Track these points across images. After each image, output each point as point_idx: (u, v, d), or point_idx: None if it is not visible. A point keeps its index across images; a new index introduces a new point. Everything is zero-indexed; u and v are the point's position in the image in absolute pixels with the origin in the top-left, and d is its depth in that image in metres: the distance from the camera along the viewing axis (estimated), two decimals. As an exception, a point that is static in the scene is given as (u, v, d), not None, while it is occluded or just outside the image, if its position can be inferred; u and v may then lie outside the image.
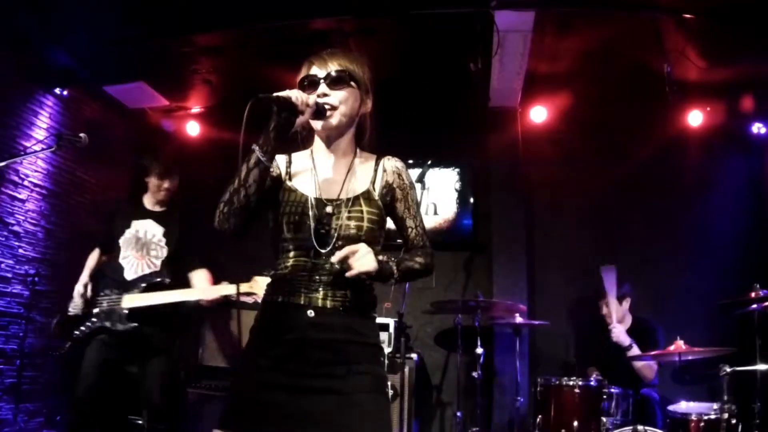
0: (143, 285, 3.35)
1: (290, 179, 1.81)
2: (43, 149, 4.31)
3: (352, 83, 1.77)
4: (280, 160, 1.84)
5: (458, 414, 4.13)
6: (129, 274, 3.41)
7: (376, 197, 1.78)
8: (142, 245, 3.47)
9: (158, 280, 3.39)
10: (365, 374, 1.66)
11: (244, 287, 3.28)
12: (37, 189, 4.56)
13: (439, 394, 4.81)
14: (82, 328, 3.35)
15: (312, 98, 1.69)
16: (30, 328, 4.38)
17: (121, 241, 3.48)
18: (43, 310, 4.56)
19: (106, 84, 4.98)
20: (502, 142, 5.08)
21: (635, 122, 4.92)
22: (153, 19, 4.18)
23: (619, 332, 3.88)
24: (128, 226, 3.51)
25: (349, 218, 1.71)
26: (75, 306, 3.40)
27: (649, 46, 4.30)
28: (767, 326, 3.29)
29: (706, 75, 4.57)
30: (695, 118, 4.81)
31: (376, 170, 1.82)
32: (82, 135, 2.97)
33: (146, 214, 3.57)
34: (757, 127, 4.81)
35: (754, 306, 3.29)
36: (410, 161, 5.21)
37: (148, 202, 3.63)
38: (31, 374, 4.42)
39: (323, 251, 1.69)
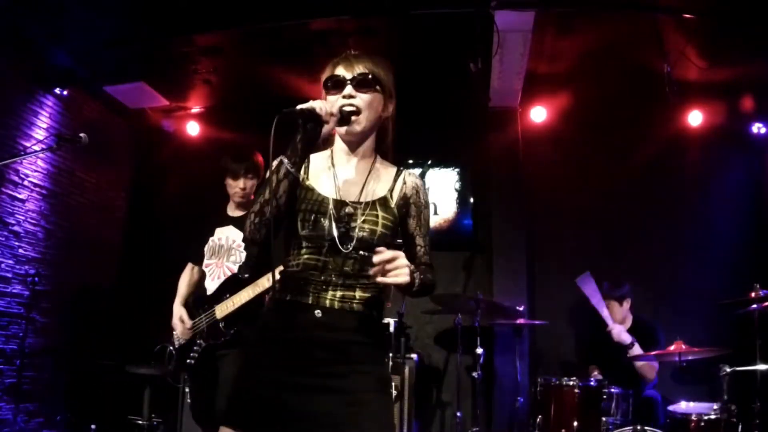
0: (227, 294, 3.19)
1: (308, 178, 1.80)
2: (43, 149, 4.33)
3: (377, 87, 1.77)
4: None
5: (458, 414, 4.13)
6: (210, 284, 3.30)
7: (393, 205, 1.79)
8: (223, 252, 3.34)
9: (238, 277, 3.23)
10: (369, 374, 1.67)
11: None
12: (37, 189, 4.56)
13: (439, 394, 4.81)
14: (192, 354, 3.24)
15: (336, 106, 1.70)
16: (30, 328, 4.38)
17: (206, 249, 3.38)
18: (43, 310, 4.57)
19: (106, 84, 4.98)
20: (502, 142, 5.08)
21: (635, 122, 4.92)
22: (153, 19, 4.18)
23: (619, 331, 3.89)
24: (211, 234, 3.38)
25: (364, 221, 1.72)
26: (179, 337, 3.32)
27: (649, 46, 4.30)
28: (767, 326, 3.29)
29: (706, 75, 4.57)
30: (695, 118, 4.81)
31: (395, 180, 1.83)
32: (82, 135, 2.95)
33: (227, 220, 3.41)
34: (757, 127, 4.81)
35: (754, 306, 3.29)
36: (410, 161, 5.22)
37: (230, 207, 3.46)
38: (31, 374, 4.43)
39: (343, 250, 1.69)
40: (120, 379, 4.45)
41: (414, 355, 4.28)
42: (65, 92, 4.76)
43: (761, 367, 3.14)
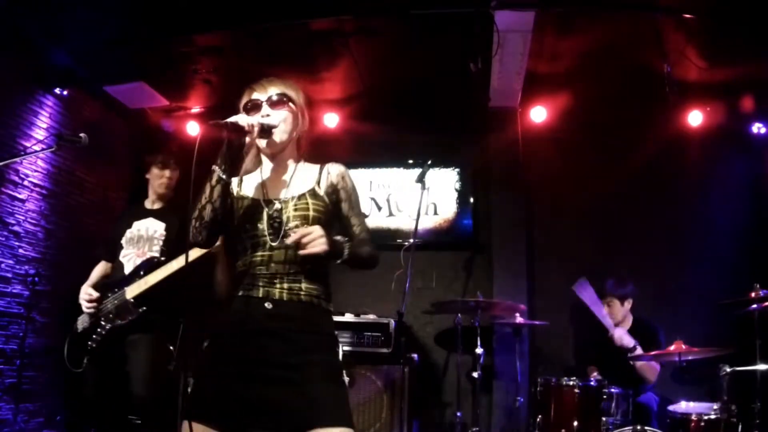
0: (141, 273, 3.27)
1: (242, 191, 2.00)
2: (43, 149, 4.33)
3: (290, 104, 2.00)
4: (234, 180, 2.02)
5: (458, 414, 4.13)
6: (129, 270, 3.39)
7: (322, 194, 1.96)
8: (144, 242, 3.46)
9: (155, 260, 3.33)
10: (320, 364, 1.79)
11: None
12: (37, 189, 4.56)
13: (439, 394, 4.81)
14: (95, 336, 3.28)
15: (256, 120, 1.90)
16: (30, 328, 4.38)
17: (123, 241, 3.50)
18: (43, 310, 4.56)
19: (106, 84, 4.98)
20: (502, 142, 5.08)
21: (635, 122, 4.92)
22: (153, 19, 4.17)
23: (621, 335, 3.87)
24: (129, 227, 3.53)
25: (295, 210, 1.89)
26: (83, 321, 3.38)
27: (649, 46, 4.30)
28: (767, 326, 3.29)
29: (706, 75, 4.57)
30: (695, 118, 4.81)
31: (320, 172, 2.02)
32: (82, 135, 2.96)
33: (146, 213, 3.58)
34: (757, 127, 4.81)
35: (754, 306, 3.29)
36: (410, 161, 5.23)
37: (148, 201, 3.65)
38: (31, 374, 4.42)
39: (275, 243, 1.85)
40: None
41: (414, 355, 4.28)
42: (65, 92, 4.75)
43: (761, 367, 3.14)
